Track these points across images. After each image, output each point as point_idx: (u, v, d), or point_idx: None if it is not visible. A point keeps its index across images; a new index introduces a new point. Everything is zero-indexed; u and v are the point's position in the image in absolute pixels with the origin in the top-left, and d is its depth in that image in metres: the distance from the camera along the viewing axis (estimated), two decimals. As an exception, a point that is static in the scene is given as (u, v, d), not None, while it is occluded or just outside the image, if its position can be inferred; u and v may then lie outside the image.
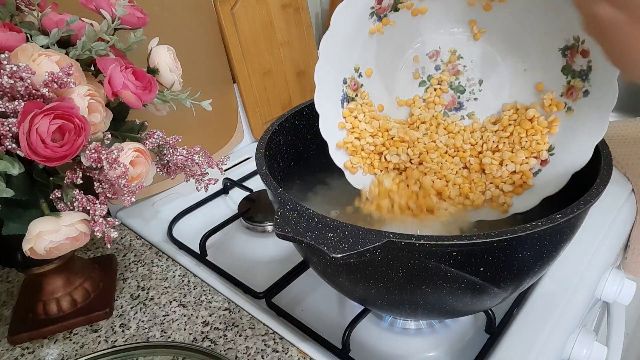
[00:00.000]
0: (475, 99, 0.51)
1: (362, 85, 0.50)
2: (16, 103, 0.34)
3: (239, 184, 0.73)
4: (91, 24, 0.43)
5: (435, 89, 0.52)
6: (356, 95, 0.50)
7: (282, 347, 0.46)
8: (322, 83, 0.47)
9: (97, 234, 0.38)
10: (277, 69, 0.86)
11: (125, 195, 0.39)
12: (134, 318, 0.50)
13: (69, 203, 0.38)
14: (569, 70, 0.45)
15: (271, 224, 0.64)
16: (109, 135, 0.40)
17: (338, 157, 0.49)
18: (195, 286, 0.54)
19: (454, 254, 0.33)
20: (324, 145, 0.48)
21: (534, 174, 0.47)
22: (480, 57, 0.50)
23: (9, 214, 0.38)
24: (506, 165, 0.47)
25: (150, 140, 0.44)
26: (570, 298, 0.51)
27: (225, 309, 0.50)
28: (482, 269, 0.34)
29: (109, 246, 0.40)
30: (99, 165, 0.37)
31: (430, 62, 0.51)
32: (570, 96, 0.45)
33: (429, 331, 0.49)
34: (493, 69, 0.49)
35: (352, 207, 0.51)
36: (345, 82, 0.49)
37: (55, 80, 0.36)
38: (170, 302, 0.52)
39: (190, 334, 0.48)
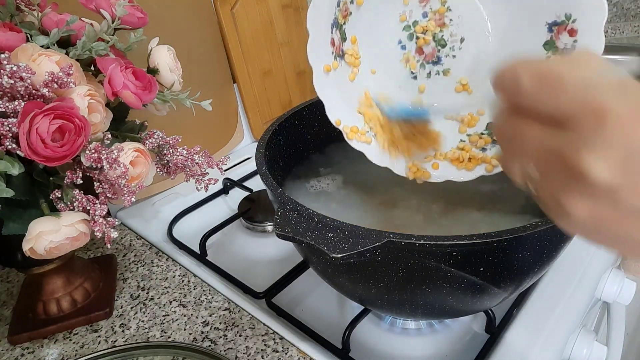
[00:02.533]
0: (454, 56, 0.50)
1: (351, 13, 0.48)
2: (16, 103, 0.34)
3: (239, 184, 0.73)
4: (91, 24, 0.43)
5: (418, 38, 0.50)
6: (344, 22, 0.48)
7: (282, 347, 0.46)
8: (318, 2, 0.44)
9: (97, 234, 0.38)
10: (277, 69, 0.86)
11: (125, 195, 0.39)
12: (134, 318, 0.50)
13: (69, 203, 0.38)
14: (551, 46, 0.44)
15: (271, 224, 0.64)
16: (109, 135, 0.40)
17: (321, 84, 0.46)
18: (195, 286, 0.54)
19: (454, 254, 0.33)
20: (324, 145, 0.48)
21: (494, 140, 0.47)
22: (468, 15, 0.48)
23: (9, 214, 0.38)
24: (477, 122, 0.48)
25: (150, 140, 0.44)
26: (570, 298, 0.51)
27: (225, 309, 0.50)
28: (482, 269, 0.34)
29: (109, 246, 0.40)
30: (99, 165, 0.37)
31: (420, 7, 0.49)
32: None
33: (429, 331, 0.49)
34: (476, 30, 0.48)
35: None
36: (338, 4, 0.46)
37: (55, 80, 0.36)
38: (170, 302, 0.52)
39: (190, 334, 0.48)
